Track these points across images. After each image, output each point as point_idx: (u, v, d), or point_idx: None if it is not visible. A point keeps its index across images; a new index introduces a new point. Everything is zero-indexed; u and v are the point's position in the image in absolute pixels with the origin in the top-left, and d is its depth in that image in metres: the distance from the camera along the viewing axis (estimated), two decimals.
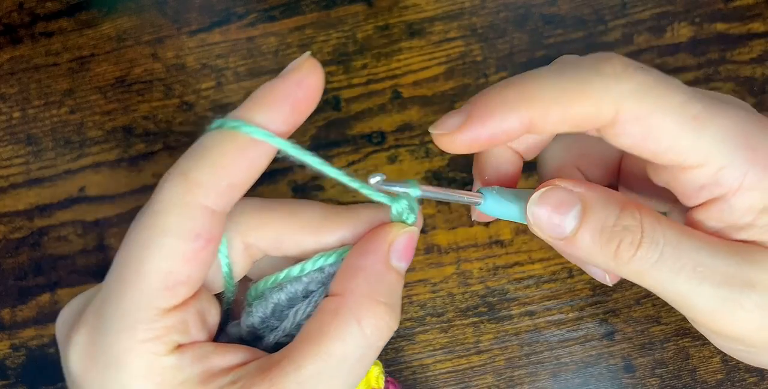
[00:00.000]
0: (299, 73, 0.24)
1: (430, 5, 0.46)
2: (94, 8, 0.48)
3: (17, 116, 0.47)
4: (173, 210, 0.22)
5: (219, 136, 0.23)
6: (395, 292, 0.25)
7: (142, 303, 0.23)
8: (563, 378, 0.41)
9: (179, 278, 0.23)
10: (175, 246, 0.22)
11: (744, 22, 0.44)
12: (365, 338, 0.24)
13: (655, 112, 0.24)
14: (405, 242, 0.26)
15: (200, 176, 0.23)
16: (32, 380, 0.43)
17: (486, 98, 0.25)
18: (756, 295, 0.24)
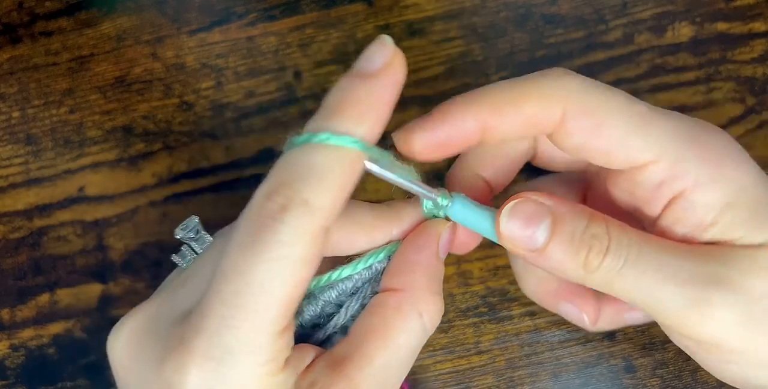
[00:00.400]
0: (393, 72, 0.23)
1: (431, 5, 0.46)
2: (94, 8, 0.47)
3: (16, 115, 0.47)
4: (299, 240, 0.22)
5: (329, 154, 0.22)
6: (441, 282, 0.27)
7: (265, 329, 0.22)
8: (564, 378, 0.41)
9: (296, 298, 0.23)
10: (302, 273, 0.22)
11: (745, 22, 0.44)
12: (425, 328, 0.26)
13: (601, 107, 0.25)
14: (449, 236, 0.28)
15: (325, 203, 0.22)
16: (31, 380, 0.43)
17: (444, 105, 0.27)
18: (724, 292, 0.24)
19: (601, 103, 0.25)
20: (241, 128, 0.45)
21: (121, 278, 0.44)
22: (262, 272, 0.22)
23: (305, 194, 0.22)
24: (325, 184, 0.22)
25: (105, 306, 0.44)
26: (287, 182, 0.22)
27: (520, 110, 0.26)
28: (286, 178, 0.22)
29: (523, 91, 0.26)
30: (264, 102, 0.45)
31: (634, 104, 0.26)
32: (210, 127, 0.45)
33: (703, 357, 0.27)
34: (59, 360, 0.43)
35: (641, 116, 0.25)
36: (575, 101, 0.25)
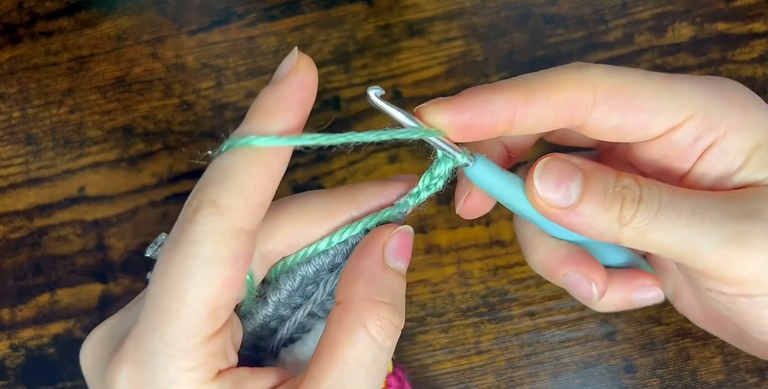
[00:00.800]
0: (298, 75, 0.24)
1: (431, 5, 0.46)
2: (94, 8, 0.47)
3: (17, 115, 0.47)
4: (209, 239, 0.22)
5: (240, 156, 0.23)
6: (396, 291, 0.25)
7: (188, 332, 0.23)
8: (564, 378, 0.41)
9: (221, 302, 0.23)
10: (218, 273, 0.22)
11: (745, 22, 0.44)
12: (373, 340, 0.24)
13: (627, 84, 0.26)
14: (398, 241, 0.26)
15: (232, 202, 0.22)
16: (31, 380, 0.43)
17: (474, 88, 0.27)
18: (763, 224, 0.24)
19: (626, 80, 0.26)
20: None
21: (121, 278, 0.44)
22: (178, 272, 0.22)
23: (213, 195, 0.22)
24: (233, 184, 0.23)
25: (105, 306, 0.44)
26: (201, 187, 0.23)
27: (553, 96, 0.26)
28: (201, 183, 0.23)
29: (553, 79, 0.26)
30: None
31: (651, 75, 0.26)
32: (210, 127, 0.45)
33: (740, 307, 0.26)
34: (59, 360, 0.43)
35: (664, 82, 0.26)
36: (603, 84, 0.25)
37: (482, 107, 0.26)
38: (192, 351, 0.23)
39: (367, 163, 0.44)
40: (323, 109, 0.45)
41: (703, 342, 0.41)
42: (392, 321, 0.25)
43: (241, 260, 0.23)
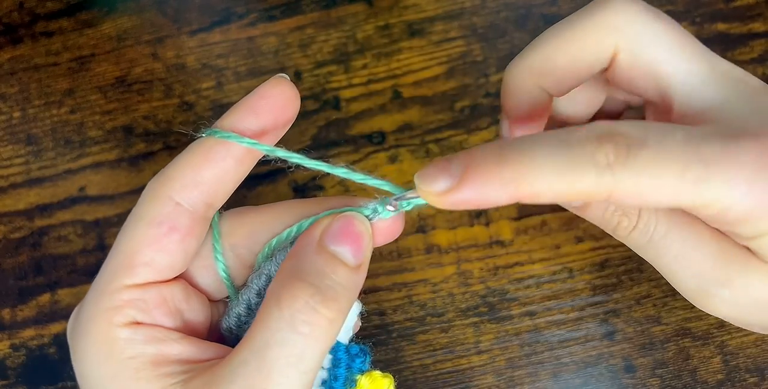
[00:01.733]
0: (263, 87, 0.26)
1: (431, 5, 0.46)
2: (95, 8, 0.48)
3: (17, 115, 0.47)
4: (144, 200, 0.26)
5: (195, 142, 0.27)
6: (327, 275, 0.24)
7: (109, 278, 0.26)
8: (564, 378, 0.41)
9: (141, 259, 0.25)
10: (141, 231, 0.26)
11: (744, 22, 0.44)
12: (284, 320, 0.23)
13: (651, 43, 0.25)
14: (341, 224, 0.25)
15: (171, 172, 0.26)
16: (32, 380, 0.43)
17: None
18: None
19: (653, 37, 0.25)
20: None
21: None
22: (122, 228, 0.26)
23: (165, 168, 0.26)
24: (177, 159, 0.26)
25: None
26: None
27: (572, 46, 0.26)
28: None
29: (572, 28, 0.26)
30: None
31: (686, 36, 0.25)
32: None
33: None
34: (60, 360, 0.43)
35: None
36: (625, 36, 0.25)
37: (520, 95, 0.27)
38: (109, 293, 0.25)
39: (367, 163, 0.44)
40: (323, 109, 0.45)
41: (702, 341, 0.41)
42: (310, 304, 0.23)
43: (166, 226, 0.25)
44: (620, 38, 0.25)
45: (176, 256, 0.26)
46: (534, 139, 0.22)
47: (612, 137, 0.21)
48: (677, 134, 0.22)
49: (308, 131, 0.45)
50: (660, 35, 0.25)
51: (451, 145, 0.44)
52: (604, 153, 0.21)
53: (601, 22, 0.25)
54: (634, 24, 0.25)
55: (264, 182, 0.44)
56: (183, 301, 0.27)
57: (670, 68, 0.25)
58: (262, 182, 0.44)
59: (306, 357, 0.23)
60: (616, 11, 0.25)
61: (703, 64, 0.25)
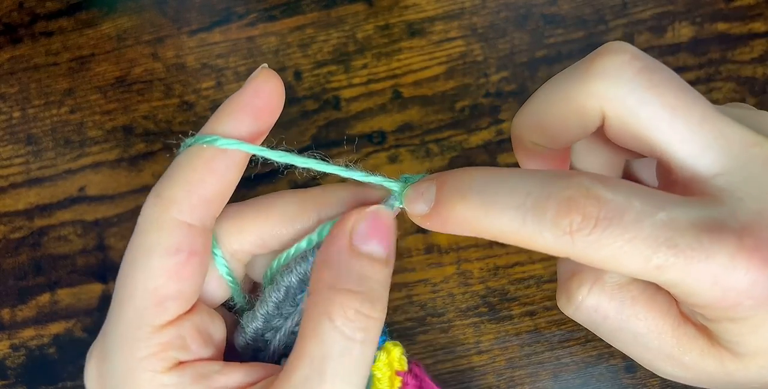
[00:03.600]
0: (255, 83, 0.25)
1: (431, 5, 0.46)
2: (94, 8, 0.48)
3: (17, 115, 0.47)
4: (152, 228, 0.24)
5: (187, 153, 0.24)
6: (367, 278, 0.23)
7: (136, 322, 0.23)
8: (564, 378, 0.41)
9: (167, 293, 0.23)
10: (158, 263, 0.23)
11: (745, 22, 0.44)
12: (339, 332, 0.23)
13: (641, 113, 0.23)
14: (369, 222, 0.24)
15: (172, 194, 0.24)
16: (32, 380, 0.43)
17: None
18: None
19: (644, 108, 0.23)
20: None
21: None
22: (127, 262, 0.24)
23: (159, 189, 0.24)
24: (174, 177, 0.24)
25: (105, 306, 0.44)
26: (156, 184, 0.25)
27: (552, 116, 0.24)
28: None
29: (559, 91, 0.24)
30: None
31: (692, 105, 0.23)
32: None
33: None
34: (60, 360, 0.43)
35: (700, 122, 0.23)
36: (613, 106, 0.23)
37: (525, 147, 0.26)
38: (143, 339, 0.23)
39: (367, 163, 0.44)
40: (323, 109, 0.45)
41: None
42: (360, 311, 0.23)
43: (184, 252, 0.23)
44: (606, 105, 0.23)
45: (198, 279, 0.24)
46: (501, 185, 0.21)
47: (583, 206, 0.20)
48: (659, 215, 0.20)
49: (308, 131, 0.45)
50: (650, 102, 0.22)
51: (451, 145, 0.44)
52: (568, 222, 0.20)
53: (585, 88, 0.23)
54: (621, 89, 0.23)
55: (264, 181, 0.44)
56: (209, 323, 0.25)
57: (662, 137, 0.22)
58: (262, 182, 0.44)
59: (365, 361, 0.23)
60: (602, 75, 0.23)
61: (703, 131, 0.22)
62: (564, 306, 0.26)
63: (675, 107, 0.22)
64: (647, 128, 0.22)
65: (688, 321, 0.24)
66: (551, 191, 0.21)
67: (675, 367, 0.25)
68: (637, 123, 0.23)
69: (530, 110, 0.25)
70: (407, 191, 0.24)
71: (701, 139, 0.22)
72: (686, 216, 0.21)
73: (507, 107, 0.44)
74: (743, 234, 0.20)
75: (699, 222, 0.20)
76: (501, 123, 0.44)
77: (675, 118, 0.22)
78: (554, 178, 0.21)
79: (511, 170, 0.22)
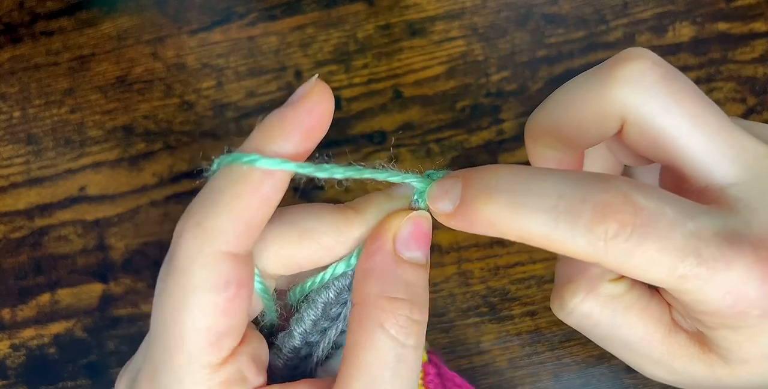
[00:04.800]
0: (309, 101, 0.23)
1: (431, 5, 0.46)
2: (95, 7, 0.47)
3: (17, 115, 0.47)
4: (196, 264, 0.21)
5: (230, 175, 0.22)
6: (413, 285, 0.24)
7: (193, 365, 0.22)
8: (565, 378, 0.41)
9: (221, 330, 0.22)
10: (209, 300, 0.21)
11: (746, 22, 0.44)
12: (394, 340, 0.23)
13: (663, 123, 0.23)
14: (410, 229, 0.24)
15: (217, 224, 0.21)
16: (32, 380, 0.43)
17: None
18: None
19: (665, 118, 0.23)
20: (242, 127, 0.45)
21: (121, 277, 0.44)
22: (171, 303, 0.22)
23: (198, 218, 0.22)
24: (217, 205, 0.22)
25: (106, 306, 0.44)
26: (188, 210, 0.22)
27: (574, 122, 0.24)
28: (189, 207, 0.22)
29: (577, 97, 0.24)
30: (265, 102, 0.45)
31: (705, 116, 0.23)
32: (211, 127, 0.45)
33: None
34: (60, 360, 0.43)
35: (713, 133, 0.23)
36: (634, 112, 0.23)
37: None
38: (204, 381, 0.22)
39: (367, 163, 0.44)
40: None
41: None
42: (410, 317, 0.23)
43: (234, 285, 0.22)
44: (626, 112, 0.23)
45: (247, 309, 0.23)
46: (531, 186, 0.21)
47: (620, 213, 0.20)
48: (689, 225, 0.20)
49: None
50: (670, 109, 0.22)
51: (452, 145, 0.44)
52: (604, 229, 0.20)
53: (606, 94, 0.23)
54: (642, 95, 0.22)
55: None
56: (260, 349, 0.25)
57: (680, 144, 0.22)
58: None
59: (417, 365, 0.23)
60: (623, 81, 0.23)
61: (720, 140, 0.22)
62: (556, 311, 0.26)
63: (695, 115, 0.22)
64: (666, 136, 0.22)
65: (680, 329, 0.25)
66: (586, 194, 0.20)
67: (664, 371, 0.26)
68: (657, 130, 0.23)
69: (546, 114, 0.25)
70: (431, 189, 0.24)
71: (718, 148, 0.22)
72: (711, 226, 0.21)
73: (508, 106, 0.44)
74: (759, 246, 0.21)
75: (722, 232, 0.21)
76: (502, 123, 0.44)
77: (694, 126, 0.22)
78: (590, 180, 0.21)
79: (541, 170, 0.22)
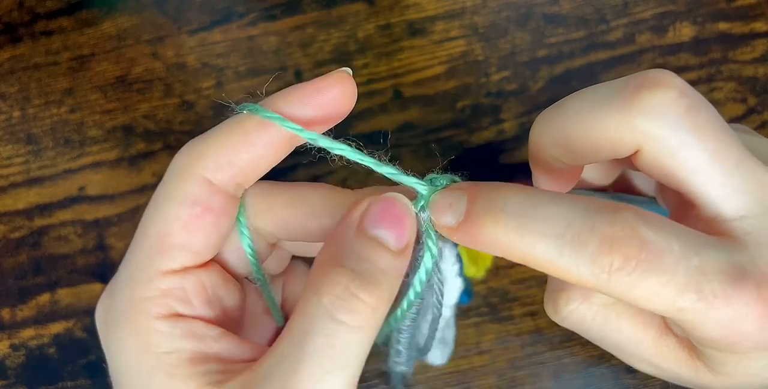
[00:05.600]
0: (324, 80, 0.24)
1: (432, 4, 0.46)
2: (95, 7, 0.47)
3: (17, 115, 0.46)
4: (175, 178, 0.24)
5: (231, 118, 0.25)
6: (367, 260, 0.22)
7: (143, 264, 0.24)
8: (565, 378, 0.41)
9: (176, 241, 0.24)
10: (173, 211, 0.24)
11: (746, 22, 0.44)
12: (324, 308, 0.21)
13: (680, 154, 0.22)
14: (381, 207, 0.23)
15: (203, 149, 0.24)
16: (32, 380, 0.43)
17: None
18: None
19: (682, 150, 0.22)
20: None
21: None
22: (149, 207, 0.25)
23: (192, 143, 0.25)
24: (210, 136, 0.25)
25: None
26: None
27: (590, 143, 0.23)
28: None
29: (593, 116, 0.23)
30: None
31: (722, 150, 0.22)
32: (211, 127, 0.45)
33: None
34: (60, 360, 0.43)
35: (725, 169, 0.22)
36: (653, 144, 0.22)
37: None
38: (145, 281, 0.24)
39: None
40: None
41: None
42: (350, 290, 0.21)
43: (200, 206, 0.24)
44: (644, 141, 0.22)
45: (211, 237, 0.24)
46: (539, 211, 0.21)
47: (625, 246, 0.20)
48: (693, 260, 0.20)
49: None
50: (691, 144, 0.22)
51: (452, 144, 0.44)
52: (609, 261, 0.20)
53: (626, 122, 0.22)
54: (664, 129, 0.22)
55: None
56: (221, 286, 0.25)
57: (695, 178, 0.22)
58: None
59: (353, 351, 0.22)
60: (647, 112, 0.22)
61: (736, 175, 0.22)
62: (550, 314, 0.27)
63: (715, 151, 0.22)
64: (682, 169, 0.22)
65: (670, 332, 0.25)
66: (595, 224, 0.20)
67: (652, 369, 0.27)
68: (674, 163, 0.22)
69: (557, 126, 0.24)
70: (435, 198, 0.23)
71: (733, 183, 0.22)
72: (716, 261, 0.21)
73: (508, 106, 0.44)
74: (762, 284, 0.21)
75: (726, 268, 0.21)
76: (502, 123, 0.44)
77: (713, 163, 0.22)
78: (599, 211, 0.21)
79: (549, 195, 0.22)
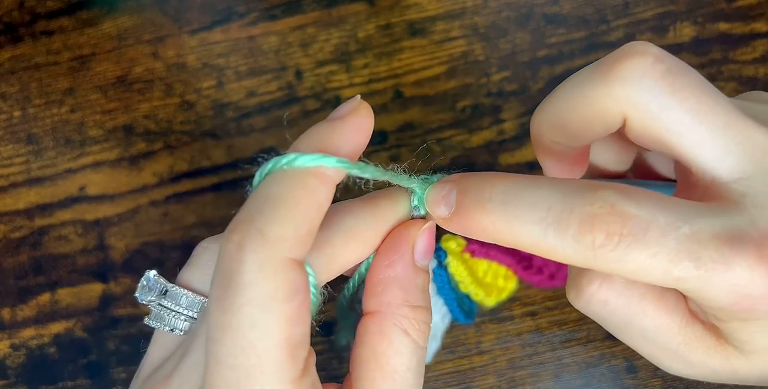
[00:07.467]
0: (358, 116, 0.23)
1: (432, 4, 0.46)
2: (95, 7, 0.47)
3: (18, 114, 0.47)
4: (264, 276, 0.20)
5: (285, 181, 0.21)
6: (426, 291, 0.25)
7: (275, 384, 0.21)
8: (565, 378, 0.41)
9: (295, 341, 0.21)
10: (281, 313, 0.20)
11: (747, 22, 0.44)
12: (416, 345, 0.24)
13: (663, 119, 0.23)
14: (426, 240, 0.25)
15: (281, 230, 0.20)
16: (32, 379, 0.43)
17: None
18: None
19: (665, 114, 0.22)
20: (242, 127, 0.45)
21: (121, 277, 0.44)
22: (240, 324, 0.20)
23: (259, 225, 0.20)
24: (279, 211, 0.21)
25: (106, 306, 0.44)
26: (244, 218, 0.21)
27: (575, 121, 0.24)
28: (243, 213, 0.21)
29: (579, 93, 0.24)
30: (265, 102, 0.45)
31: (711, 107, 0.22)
32: (211, 126, 0.45)
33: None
34: (60, 360, 0.43)
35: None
36: (635, 111, 0.22)
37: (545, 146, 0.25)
38: None
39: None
40: (324, 108, 0.45)
41: None
42: (427, 322, 0.25)
43: (300, 292, 0.21)
44: (627, 109, 0.22)
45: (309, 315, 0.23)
46: (522, 198, 0.22)
47: (606, 223, 0.20)
48: (683, 229, 0.20)
49: None
50: (672, 106, 0.22)
51: (452, 144, 0.44)
52: (591, 239, 0.20)
53: (606, 92, 0.23)
54: (643, 94, 0.22)
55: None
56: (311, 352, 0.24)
57: (683, 141, 0.22)
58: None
59: (422, 363, 0.25)
60: (624, 79, 0.22)
61: (726, 136, 0.22)
62: (573, 300, 0.26)
63: (698, 111, 0.22)
64: (669, 133, 0.22)
65: (696, 319, 0.25)
66: (573, 205, 0.21)
67: (679, 363, 0.25)
68: (659, 127, 0.22)
69: (550, 109, 0.25)
70: (428, 194, 0.25)
71: (723, 143, 0.22)
72: (709, 227, 0.21)
73: (508, 106, 0.44)
74: (763, 244, 0.20)
75: (721, 233, 0.20)
76: (502, 123, 0.44)
77: (697, 123, 0.22)
78: (577, 191, 0.21)
79: (533, 179, 0.22)
